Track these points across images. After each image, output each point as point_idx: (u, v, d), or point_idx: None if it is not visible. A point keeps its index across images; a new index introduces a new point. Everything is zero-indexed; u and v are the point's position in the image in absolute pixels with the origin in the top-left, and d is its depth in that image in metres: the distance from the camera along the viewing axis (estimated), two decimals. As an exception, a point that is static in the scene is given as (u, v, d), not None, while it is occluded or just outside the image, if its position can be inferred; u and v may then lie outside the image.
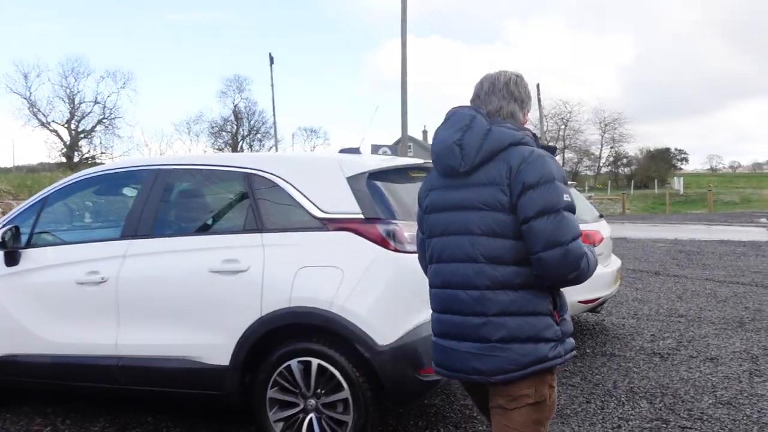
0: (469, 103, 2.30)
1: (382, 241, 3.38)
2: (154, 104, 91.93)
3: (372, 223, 3.42)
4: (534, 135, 2.20)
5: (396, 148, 16.12)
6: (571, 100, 64.14)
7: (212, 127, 60.68)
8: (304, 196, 3.54)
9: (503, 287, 2.06)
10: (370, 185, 3.55)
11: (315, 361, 3.37)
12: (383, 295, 3.35)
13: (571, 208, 2.09)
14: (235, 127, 60.81)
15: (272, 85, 33.53)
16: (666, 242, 15.61)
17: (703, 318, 6.76)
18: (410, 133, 68.42)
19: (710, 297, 7.96)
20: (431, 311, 2.30)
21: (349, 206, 3.47)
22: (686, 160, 71.75)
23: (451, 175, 2.17)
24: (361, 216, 3.44)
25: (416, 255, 2.56)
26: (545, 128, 61.06)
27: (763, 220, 23.07)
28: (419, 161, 4.01)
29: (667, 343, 5.76)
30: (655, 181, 56.74)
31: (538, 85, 36.95)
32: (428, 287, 2.32)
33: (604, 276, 5.75)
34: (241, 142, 60.67)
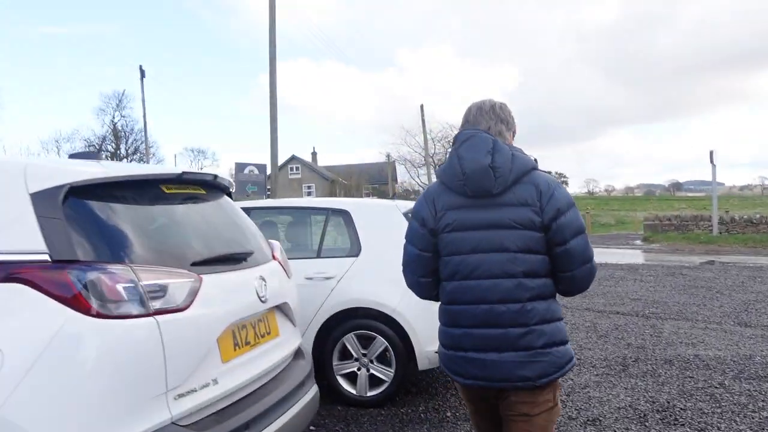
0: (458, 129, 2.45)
1: (74, 301, 2.03)
2: (23, 120, 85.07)
3: (61, 269, 2.07)
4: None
5: (264, 168, 14.77)
6: (457, 123, 64.62)
7: (88, 146, 56.83)
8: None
9: (539, 298, 2.23)
10: (72, 206, 2.20)
11: None
12: (66, 405, 1.99)
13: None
14: (114, 146, 57.09)
15: (143, 99, 31.18)
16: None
17: (583, 360, 5.85)
18: (299, 154, 67.04)
19: (590, 331, 7.15)
20: (454, 327, 2.32)
21: (26, 240, 2.12)
22: (566, 183, 74.87)
23: (482, 195, 2.26)
24: (47, 257, 2.09)
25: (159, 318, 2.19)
26: (433, 151, 61.75)
27: (638, 242, 23.56)
28: (177, 171, 2.68)
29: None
30: (538, 203, 58.32)
31: (422, 106, 36.77)
32: (445, 305, 2.36)
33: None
34: (123, 160, 57.32)
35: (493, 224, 2.24)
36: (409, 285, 2.49)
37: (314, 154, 71.20)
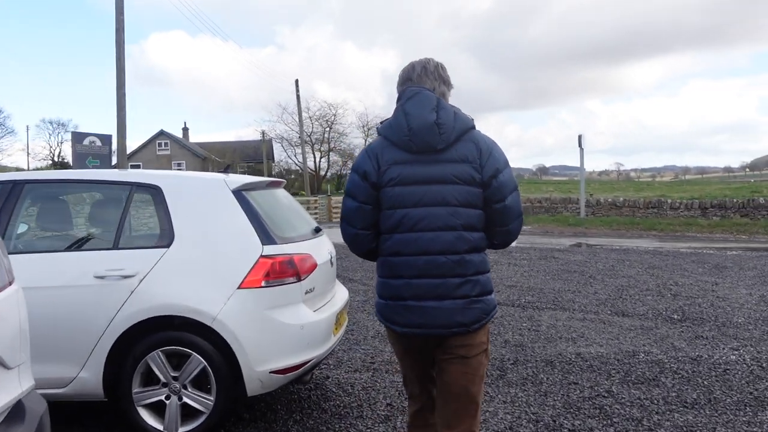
0: (398, 86, 2.53)
1: None
2: None
3: None
4: None
5: (111, 139, 12.93)
6: (336, 102, 63.74)
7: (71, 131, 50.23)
8: None
9: (475, 251, 2.37)
10: None
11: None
12: None
13: None
14: None
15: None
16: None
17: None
18: (169, 129, 63.09)
19: (465, 326, 6.41)
20: (394, 278, 2.38)
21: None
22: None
23: (425, 151, 2.35)
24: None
25: None
26: (311, 129, 60.31)
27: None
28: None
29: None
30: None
31: (296, 81, 35.28)
32: (386, 257, 2.41)
33: (314, 327, 3.67)
34: None
35: (436, 179, 2.33)
36: (347, 239, 2.52)
37: (185, 129, 67.44)
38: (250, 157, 63.12)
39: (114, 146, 13.31)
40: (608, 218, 21.57)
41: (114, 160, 15.37)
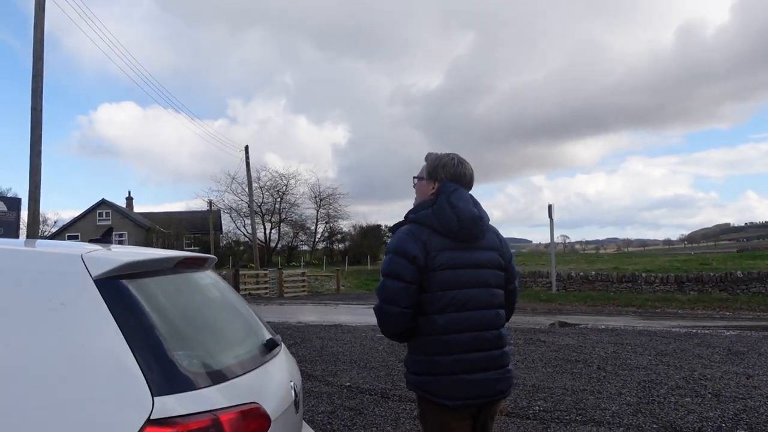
0: (433, 176, 2.81)
1: None
2: None
3: None
4: None
5: (20, 203, 10.83)
6: (288, 173, 62.29)
7: None
8: None
9: (504, 326, 2.75)
10: None
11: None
12: None
13: None
14: None
15: None
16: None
17: None
18: (111, 198, 60.18)
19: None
20: (444, 355, 2.55)
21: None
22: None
23: (468, 240, 2.65)
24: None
25: None
26: (262, 200, 58.44)
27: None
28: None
29: None
30: (368, 256, 57.08)
31: (246, 147, 33.63)
32: (437, 335, 2.56)
33: None
34: None
35: (478, 264, 2.66)
36: (389, 318, 2.58)
37: (129, 199, 64.71)
38: (197, 228, 60.57)
39: (24, 214, 11.40)
40: (581, 293, 20.19)
41: (23, 230, 13.39)
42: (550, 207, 20.03)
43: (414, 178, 2.90)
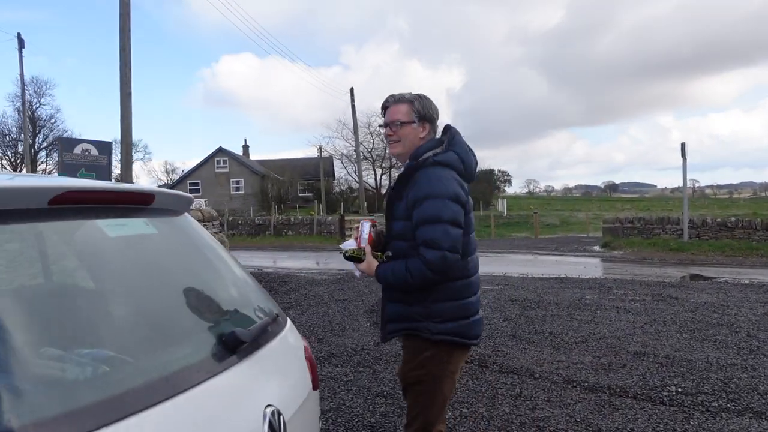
0: (431, 116, 2.72)
1: None
2: None
3: None
4: None
5: (111, 147, 10.62)
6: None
7: (3, 136, 51.12)
8: None
9: None
10: None
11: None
12: None
13: None
14: (32, 137, 51.32)
15: (22, 74, 25.89)
16: (493, 282, 11.59)
17: None
18: (227, 146, 62.10)
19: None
20: (471, 296, 2.61)
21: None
22: (509, 182, 72.68)
23: (470, 182, 2.67)
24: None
25: None
26: (372, 145, 58.06)
27: (597, 248, 20.33)
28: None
29: None
30: (480, 202, 55.58)
31: (351, 90, 32.82)
32: (466, 278, 2.58)
33: None
34: (40, 153, 52.26)
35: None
36: (450, 265, 2.45)
37: (246, 147, 66.48)
38: (310, 174, 61.37)
39: (118, 156, 11.20)
40: (718, 242, 17.92)
41: (116, 173, 13.33)
42: (683, 146, 17.75)
43: (396, 123, 2.65)
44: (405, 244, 2.52)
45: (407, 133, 2.63)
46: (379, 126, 2.79)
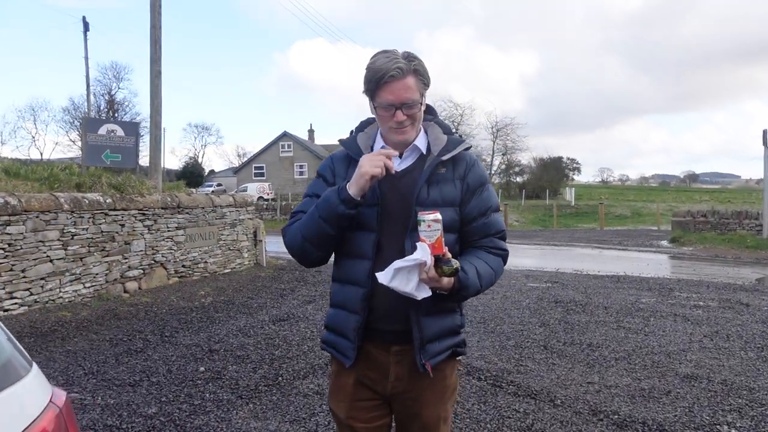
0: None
1: None
2: (5, 87, 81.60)
3: None
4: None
5: (138, 128, 10.26)
6: (462, 103, 59.90)
7: (81, 117, 53.22)
8: None
9: None
10: None
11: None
12: None
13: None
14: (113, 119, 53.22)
15: (86, 57, 26.34)
16: (542, 278, 10.67)
17: None
18: (292, 131, 62.50)
19: None
20: None
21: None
22: (578, 170, 70.16)
23: None
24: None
25: None
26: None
27: (664, 242, 18.85)
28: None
29: None
30: (547, 191, 53.73)
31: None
32: None
33: None
34: None
35: None
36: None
37: (311, 131, 66.62)
38: (374, 159, 60.88)
39: (146, 138, 10.90)
40: (803, 240, 16.23)
41: (144, 155, 13.01)
42: (765, 133, 16.08)
43: (410, 103, 1.94)
44: (453, 238, 1.99)
45: (420, 114, 2.02)
46: (376, 106, 1.97)
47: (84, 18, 26.60)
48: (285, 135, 59.55)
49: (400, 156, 2.03)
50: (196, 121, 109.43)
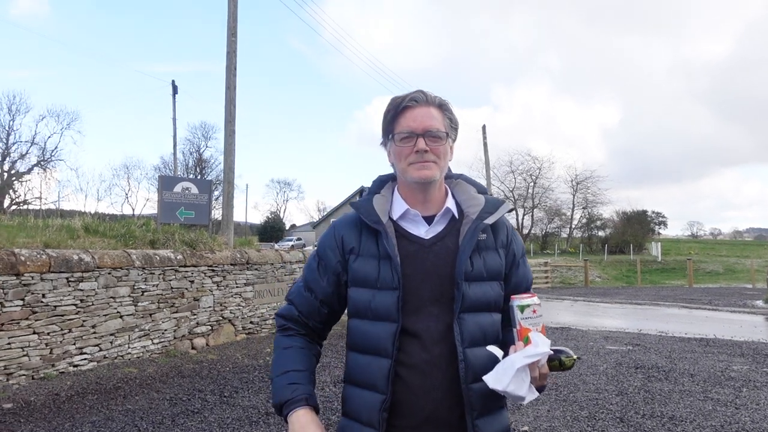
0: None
1: None
2: (103, 147, 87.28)
3: None
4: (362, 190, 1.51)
5: (210, 186, 10.59)
6: (541, 156, 59.13)
7: (158, 175, 56.19)
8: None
9: None
10: None
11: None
12: None
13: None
14: (197, 175, 55.87)
15: (174, 118, 27.81)
16: (622, 341, 10.03)
17: None
18: (369, 185, 63.48)
19: None
20: None
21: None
22: (665, 224, 67.22)
23: None
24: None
25: None
26: (514, 185, 56.33)
27: (760, 302, 17.52)
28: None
29: None
30: (631, 245, 51.62)
31: (483, 127, 31.77)
32: None
33: None
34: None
35: None
36: None
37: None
38: (450, 214, 60.69)
39: (217, 195, 11.15)
40: None
41: (216, 211, 13.34)
42: None
43: (435, 132, 1.67)
44: (498, 317, 1.71)
45: (445, 152, 1.71)
46: (395, 136, 1.69)
47: (173, 82, 28.33)
48: (362, 190, 60.54)
49: (428, 220, 1.70)
50: (279, 177, 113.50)
